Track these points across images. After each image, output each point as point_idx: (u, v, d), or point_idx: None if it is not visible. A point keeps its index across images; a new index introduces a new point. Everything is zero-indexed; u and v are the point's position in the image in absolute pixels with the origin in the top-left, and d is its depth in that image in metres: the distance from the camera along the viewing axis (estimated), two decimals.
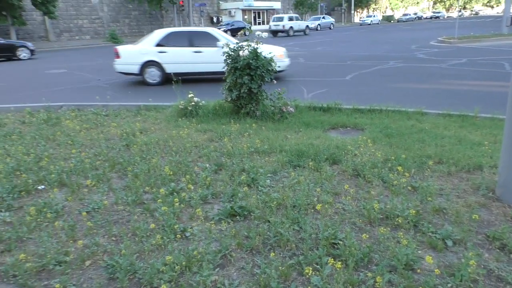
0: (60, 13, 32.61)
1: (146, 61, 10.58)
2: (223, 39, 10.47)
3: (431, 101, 7.78)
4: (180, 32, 11.08)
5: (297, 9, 58.29)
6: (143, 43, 10.92)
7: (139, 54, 10.65)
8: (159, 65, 10.59)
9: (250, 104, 6.39)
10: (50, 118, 6.62)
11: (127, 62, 10.81)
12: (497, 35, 21.56)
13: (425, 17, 70.48)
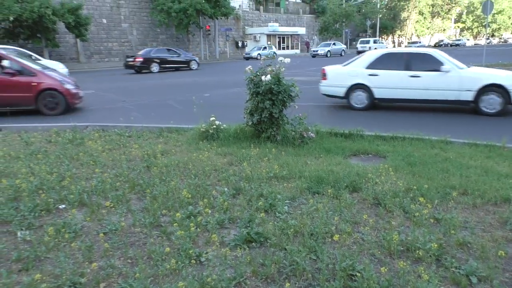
0: (91, 36, 33.92)
1: (354, 84, 9.99)
2: (448, 63, 9.46)
3: (455, 129, 7.62)
4: (396, 53, 10.18)
5: (322, 34, 58.86)
6: (353, 64, 10.29)
7: (348, 76, 10.09)
8: (367, 89, 9.88)
9: (270, 128, 6.40)
10: (75, 138, 6.79)
11: (333, 84, 10.35)
12: None
13: (440, 44, 69.07)
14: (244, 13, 51.56)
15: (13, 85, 9.63)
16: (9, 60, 10.00)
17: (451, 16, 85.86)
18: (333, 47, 43.90)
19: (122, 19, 38.70)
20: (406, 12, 71.67)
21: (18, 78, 9.70)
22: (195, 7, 36.00)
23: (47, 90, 9.80)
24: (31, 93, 9.68)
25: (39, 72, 10.01)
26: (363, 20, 61.76)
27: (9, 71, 9.69)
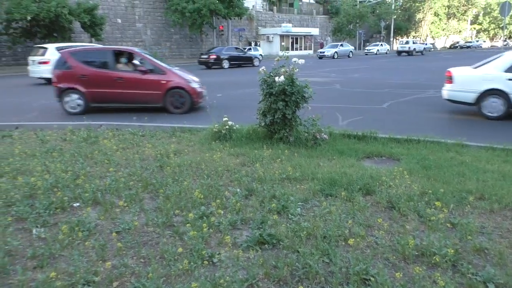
0: (106, 36, 34.28)
1: (488, 89, 8.82)
2: None
3: (473, 132, 7.50)
4: None
5: (335, 35, 58.55)
6: (487, 67, 9.18)
7: (481, 80, 8.96)
8: (505, 96, 8.67)
9: (283, 129, 6.38)
10: (89, 136, 6.86)
11: (461, 88, 9.29)
12: None
13: (456, 46, 66.54)
14: (258, 13, 51.56)
15: (144, 83, 9.80)
16: (143, 58, 10.31)
17: (467, 17, 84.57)
18: (340, 49, 42.52)
19: (136, 19, 39.03)
20: (421, 13, 70.87)
21: (149, 76, 9.87)
22: (209, 7, 36.12)
23: (175, 88, 9.87)
24: (160, 91, 9.80)
25: (168, 71, 10.10)
26: (377, 21, 61.29)
27: (141, 68, 9.93)
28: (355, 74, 21.37)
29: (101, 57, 10.30)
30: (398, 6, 67.35)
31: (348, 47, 44.50)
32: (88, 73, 9.77)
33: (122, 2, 37.71)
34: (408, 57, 41.83)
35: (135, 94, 9.85)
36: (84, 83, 9.74)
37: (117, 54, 10.39)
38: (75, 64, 9.88)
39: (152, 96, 9.88)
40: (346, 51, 43.25)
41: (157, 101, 9.92)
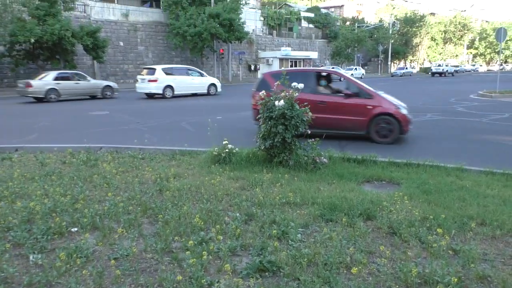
0: (108, 58, 34.68)
1: None
2: None
3: (471, 157, 7.51)
4: None
5: (334, 59, 59.29)
6: None
7: None
8: None
9: (283, 153, 6.38)
10: (89, 159, 6.85)
11: None
12: None
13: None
14: (258, 37, 52.33)
15: (348, 108, 9.08)
16: (347, 80, 9.76)
17: (464, 42, 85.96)
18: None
19: (138, 42, 39.58)
20: (418, 38, 71.96)
21: (353, 100, 9.12)
22: (210, 31, 36.69)
23: (382, 114, 8.98)
24: (365, 117, 8.98)
25: (376, 95, 9.27)
26: (375, 45, 62.19)
27: (346, 92, 9.32)
28: None
29: (304, 79, 8.84)
30: (395, 31, 68.41)
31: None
32: None
33: (124, 25, 38.31)
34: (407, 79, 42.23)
35: (336, 120, 9.08)
36: None
37: (320, 76, 9.99)
38: None
39: (356, 122, 9.06)
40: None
41: (361, 128, 9.10)
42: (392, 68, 68.02)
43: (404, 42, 69.66)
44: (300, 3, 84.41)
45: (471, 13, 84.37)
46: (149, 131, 10.67)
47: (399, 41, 68.65)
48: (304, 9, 69.44)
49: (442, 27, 79.47)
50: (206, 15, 37.14)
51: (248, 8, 50.60)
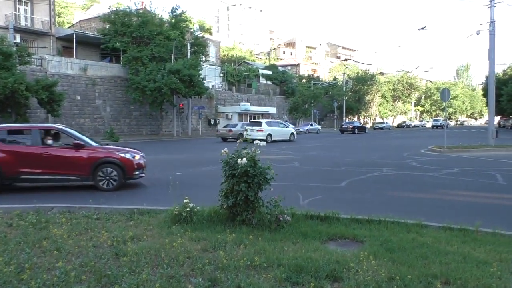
0: (63, 112, 33.82)
1: None
2: None
3: (429, 212, 7.71)
4: None
5: (291, 114, 61.18)
6: None
7: None
8: None
9: (246, 211, 6.26)
10: (39, 221, 6.39)
11: None
12: (485, 146, 22.39)
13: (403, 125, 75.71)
14: (217, 92, 53.39)
15: None
16: None
17: (411, 100, 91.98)
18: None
19: (96, 96, 39.13)
20: (370, 95, 76.23)
21: None
22: (170, 87, 37.03)
23: None
24: None
25: None
26: (330, 101, 65.06)
27: None
28: (312, 152, 22.03)
29: None
30: (348, 89, 72.27)
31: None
32: None
33: (82, 79, 37.95)
34: (360, 134, 44.01)
35: None
36: None
37: None
38: None
39: None
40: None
41: None
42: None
43: (357, 99, 73.45)
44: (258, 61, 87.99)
45: (417, 74, 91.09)
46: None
47: (352, 98, 72.32)
48: (262, 66, 72.26)
49: (391, 85, 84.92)
50: (166, 70, 37.67)
51: (208, 65, 52.02)
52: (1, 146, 9.86)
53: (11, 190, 10.13)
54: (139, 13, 42.46)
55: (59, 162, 9.98)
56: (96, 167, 10.02)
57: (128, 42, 39.82)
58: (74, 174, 9.95)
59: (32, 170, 9.82)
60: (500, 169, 13.82)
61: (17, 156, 9.82)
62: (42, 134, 10.41)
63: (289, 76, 70.11)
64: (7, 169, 9.70)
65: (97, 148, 10.47)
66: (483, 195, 9.69)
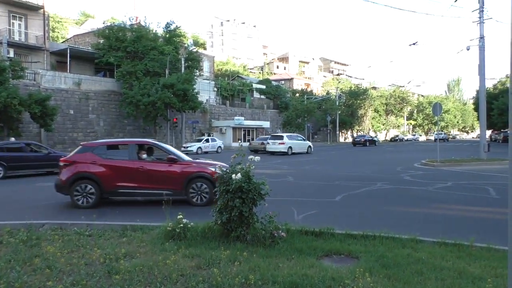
0: (56, 126, 33.63)
1: None
2: None
3: (424, 226, 7.71)
4: None
5: (285, 128, 61.36)
6: None
7: None
8: None
9: (240, 227, 6.21)
10: (30, 238, 6.29)
11: None
12: (477, 159, 22.54)
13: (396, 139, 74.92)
14: (211, 107, 53.51)
15: None
16: None
17: (404, 114, 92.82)
18: None
19: (90, 110, 39.02)
20: (363, 109, 76.81)
21: None
22: (164, 101, 37.07)
23: None
24: None
25: None
26: (323, 115, 65.39)
27: None
28: (306, 166, 22.04)
29: None
30: (342, 103, 72.77)
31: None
32: None
33: (76, 94, 37.88)
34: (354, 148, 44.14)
35: None
36: None
37: None
38: None
39: None
40: None
41: None
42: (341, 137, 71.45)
43: (350, 113, 73.95)
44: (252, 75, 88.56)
45: (409, 88, 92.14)
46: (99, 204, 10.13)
47: (345, 112, 72.80)
48: (256, 81, 72.74)
49: (383, 100, 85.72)
50: (161, 85, 37.74)
51: (202, 79, 52.23)
52: (100, 161, 10.10)
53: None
54: (134, 28, 42.68)
55: (154, 177, 10.04)
56: (189, 182, 10.01)
57: (122, 57, 39.91)
58: (167, 188, 9.78)
59: (129, 184, 9.99)
60: (492, 183, 13.89)
61: (115, 171, 10.04)
62: (138, 148, 10.61)
63: (283, 90, 70.56)
64: (106, 183, 9.91)
65: (190, 162, 10.45)
66: (477, 209, 9.71)
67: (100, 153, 10.29)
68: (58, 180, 10.16)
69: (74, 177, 9.91)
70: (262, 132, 57.82)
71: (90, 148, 10.51)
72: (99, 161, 10.10)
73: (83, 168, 10.04)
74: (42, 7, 38.23)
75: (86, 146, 10.80)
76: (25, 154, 18.29)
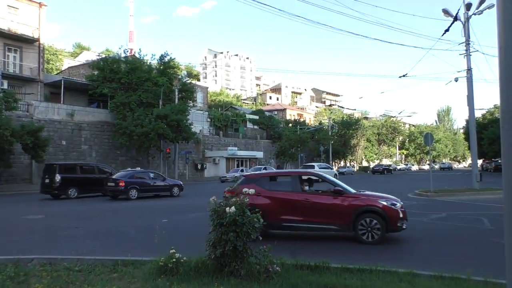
0: (48, 157, 33.31)
1: None
2: None
3: (419, 259, 7.63)
4: None
5: (279, 158, 61.45)
6: None
7: None
8: None
9: (234, 262, 6.09)
10: (17, 274, 6.10)
11: None
12: (470, 189, 22.58)
13: None
14: (205, 137, 53.60)
15: None
16: None
17: (396, 143, 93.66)
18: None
19: (82, 141, 38.88)
20: (355, 139, 77.42)
21: None
22: (157, 132, 37.14)
23: None
24: None
25: None
26: (316, 145, 65.72)
27: None
28: None
29: None
30: (334, 133, 73.37)
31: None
32: None
33: (69, 125, 37.82)
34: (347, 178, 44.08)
35: None
36: None
37: None
38: None
39: None
40: None
41: None
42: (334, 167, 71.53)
43: (343, 143, 74.42)
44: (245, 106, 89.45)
45: (400, 118, 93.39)
46: (89, 236, 9.93)
47: (338, 142, 73.26)
48: (249, 111, 73.38)
49: (375, 130, 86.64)
50: (154, 116, 37.89)
51: (196, 110, 52.58)
52: (265, 193, 9.76)
53: None
54: (128, 60, 43.22)
55: (319, 210, 9.48)
56: (357, 217, 9.22)
57: (116, 88, 40.20)
58: (334, 223, 9.34)
59: (294, 218, 9.55)
60: (486, 213, 13.88)
61: (280, 203, 9.66)
62: (301, 180, 10.20)
63: (276, 120, 71.12)
64: (271, 216, 9.41)
65: (357, 195, 9.71)
66: (472, 240, 9.67)
67: (263, 185, 9.98)
68: None
69: None
70: (256, 163, 57.82)
71: (254, 180, 10.26)
72: (263, 192, 9.72)
73: (249, 200, 9.58)
74: (37, 40, 38.75)
75: (249, 177, 10.61)
76: (149, 181, 22.86)
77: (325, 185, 10.52)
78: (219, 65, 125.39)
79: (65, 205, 18.50)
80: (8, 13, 37.11)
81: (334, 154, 70.99)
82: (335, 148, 70.65)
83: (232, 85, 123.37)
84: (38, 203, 19.89)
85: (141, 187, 21.79)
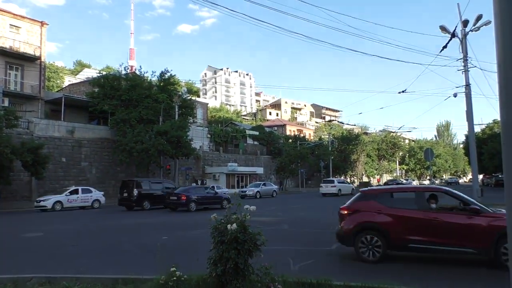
0: (48, 174, 33.30)
1: None
2: None
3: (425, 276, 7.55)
4: None
5: (279, 174, 61.31)
6: None
7: None
8: None
9: (235, 280, 6.02)
10: None
11: None
12: None
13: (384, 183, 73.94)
14: (205, 153, 53.59)
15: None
16: None
17: (396, 158, 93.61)
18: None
19: (82, 158, 38.84)
20: (355, 154, 77.40)
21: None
22: (157, 148, 37.15)
23: None
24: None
25: None
26: (316, 161, 65.65)
27: None
28: (301, 213, 21.83)
29: None
30: (334, 148, 73.38)
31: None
32: None
33: (69, 141, 37.84)
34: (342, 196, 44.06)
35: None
36: None
37: None
38: None
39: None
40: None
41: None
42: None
43: (343, 158, 74.34)
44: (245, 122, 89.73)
45: (400, 133, 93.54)
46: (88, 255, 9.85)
47: (338, 158, 73.19)
48: (249, 127, 73.55)
49: (375, 145, 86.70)
50: (154, 132, 37.96)
51: (196, 126, 52.72)
52: (386, 210, 9.05)
53: None
54: (129, 77, 43.50)
55: (452, 231, 8.48)
56: (499, 239, 7.95)
57: (117, 105, 40.35)
58: (470, 246, 8.30)
59: (422, 239, 8.60)
60: None
61: (404, 222, 8.83)
62: (427, 196, 9.33)
63: (276, 136, 71.21)
64: (395, 236, 8.77)
65: (498, 215, 8.43)
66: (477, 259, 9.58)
67: (384, 201, 9.28)
68: (340, 229, 9.40)
69: (359, 226, 9.07)
70: (256, 178, 57.68)
71: (373, 196, 9.69)
72: (384, 210, 9.05)
73: (369, 217, 9.10)
74: (39, 58, 39.10)
75: (367, 193, 10.04)
76: (205, 194, 26.10)
77: (448, 201, 9.70)
78: (219, 81, 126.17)
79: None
80: (10, 31, 37.56)
81: (334, 169, 70.84)
82: (335, 164, 70.54)
83: (232, 101, 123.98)
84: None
85: (198, 201, 24.95)
